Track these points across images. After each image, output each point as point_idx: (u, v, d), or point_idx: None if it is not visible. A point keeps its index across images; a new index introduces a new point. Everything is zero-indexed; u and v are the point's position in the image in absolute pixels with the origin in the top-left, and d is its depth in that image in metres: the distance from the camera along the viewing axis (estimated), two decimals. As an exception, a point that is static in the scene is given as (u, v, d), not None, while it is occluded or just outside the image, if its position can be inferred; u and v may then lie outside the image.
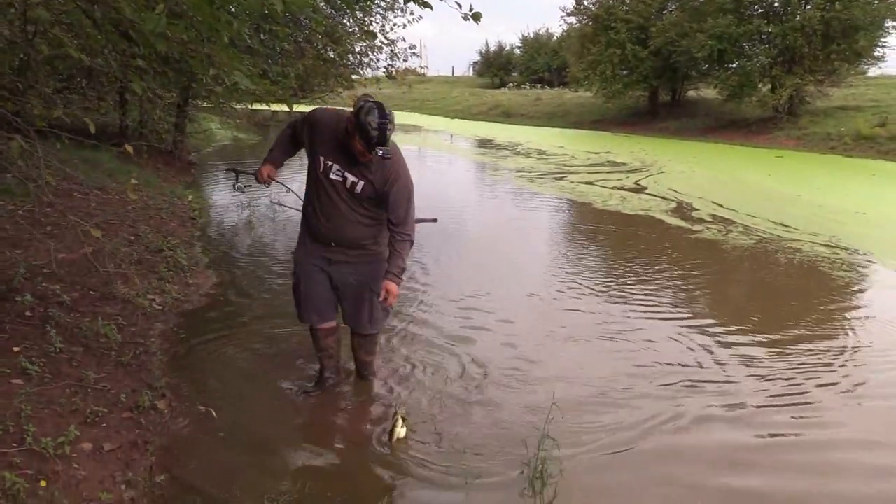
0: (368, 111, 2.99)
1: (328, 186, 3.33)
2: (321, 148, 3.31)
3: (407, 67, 17.74)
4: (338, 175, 3.30)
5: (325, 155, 3.30)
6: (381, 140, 3.01)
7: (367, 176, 3.26)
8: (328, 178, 3.32)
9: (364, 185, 3.27)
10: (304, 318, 3.69)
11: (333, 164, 3.29)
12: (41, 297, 4.42)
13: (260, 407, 3.60)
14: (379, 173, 3.25)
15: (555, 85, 41.86)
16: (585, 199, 10.53)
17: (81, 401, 3.29)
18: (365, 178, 3.26)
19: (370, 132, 2.99)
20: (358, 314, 3.63)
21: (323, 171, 3.32)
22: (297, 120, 3.50)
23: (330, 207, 3.37)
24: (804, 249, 7.29)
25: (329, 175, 3.31)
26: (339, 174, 3.30)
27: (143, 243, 6.28)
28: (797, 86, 20.80)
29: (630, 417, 3.60)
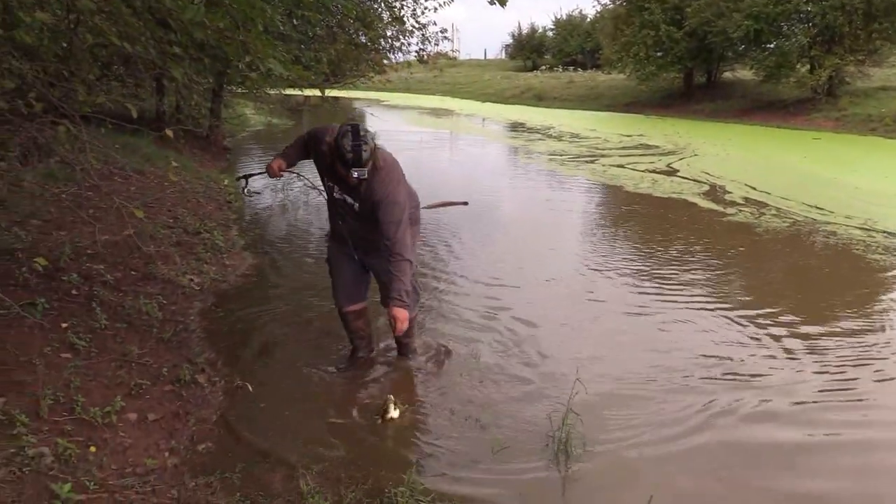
0: (343, 135, 3.09)
1: (338, 204, 3.50)
2: (321, 170, 3.48)
3: (438, 51, 17.76)
4: (339, 195, 3.45)
5: (327, 177, 3.46)
6: (355, 162, 3.08)
7: (360, 196, 3.35)
8: (333, 197, 3.50)
9: (359, 205, 3.38)
10: (335, 299, 3.83)
11: (334, 186, 3.45)
12: (86, 277, 4.60)
13: (293, 382, 3.73)
14: (367, 192, 3.30)
15: (588, 67, 41.40)
16: (617, 183, 10.50)
17: (126, 374, 3.45)
18: (360, 198, 3.36)
19: (345, 155, 3.08)
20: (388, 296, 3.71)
21: (327, 191, 3.52)
22: (306, 136, 3.64)
23: (343, 223, 3.54)
24: (839, 233, 7.20)
25: (334, 195, 3.49)
26: (339, 195, 3.44)
27: (182, 226, 6.47)
28: (837, 66, 20.29)
29: (654, 394, 3.66)
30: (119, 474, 2.66)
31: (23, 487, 2.41)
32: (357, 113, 23.99)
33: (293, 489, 2.72)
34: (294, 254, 6.45)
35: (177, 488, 2.64)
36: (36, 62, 3.92)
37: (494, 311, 4.89)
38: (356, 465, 2.96)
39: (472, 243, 6.78)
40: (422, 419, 3.38)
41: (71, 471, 2.57)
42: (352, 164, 3.08)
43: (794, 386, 3.80)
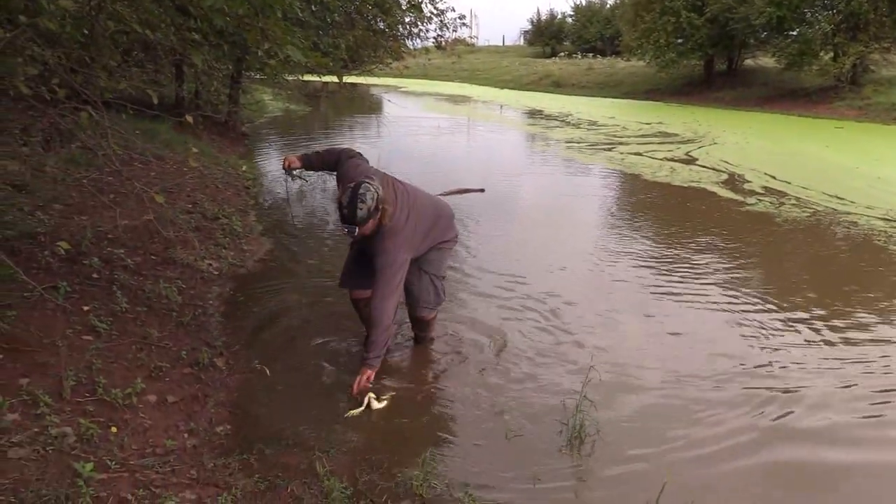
0: (345, 191, 3.16)
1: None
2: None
3: (456, 38, 17.69)
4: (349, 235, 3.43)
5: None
6: (348, 218, 3.10)
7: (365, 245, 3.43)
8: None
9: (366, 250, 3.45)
10: (343, 285, 3.89)
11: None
12: (107, 261, 4.67)
13: (310, 366, 3.77)
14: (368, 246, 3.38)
15: (607, 54, 41.08)
16: (635, 171, 10.44)
17: (146, 356, 3.51)
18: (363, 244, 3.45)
19: (341, 210, 3.13)
20: (408, 293, 3.77)
21: None
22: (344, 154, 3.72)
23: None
24: (860, 223, 7.13)
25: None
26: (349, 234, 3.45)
27: (200, 211, 6.52)
28: (861, 53, 20.00)
29: (668, 383, 3.67)
30: (139, 454, 2.71)
31: (46, 466, 2.46)
32: (375, 99, 23.98)
33: (309, 471, 2.76)
34: (310, 239, 6.49)
35: (196, 468, 2.69)
36: (58, 48, 3.97)
37: (509, 299, 4.90)
38: (372, 448, 3.00)
39: (487, 231, 6.78)
40: (437, 405, 3.41)
41: (93, 450, 2.62)
42: (345, 219, 3.12)
43: (823, 389, 3.79)
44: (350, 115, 20.28)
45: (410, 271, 3.59)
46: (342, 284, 3.89)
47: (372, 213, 3.13)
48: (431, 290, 3.80)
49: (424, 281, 3.75)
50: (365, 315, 3.87)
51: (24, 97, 3.39)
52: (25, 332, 3.35)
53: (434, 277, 3.78)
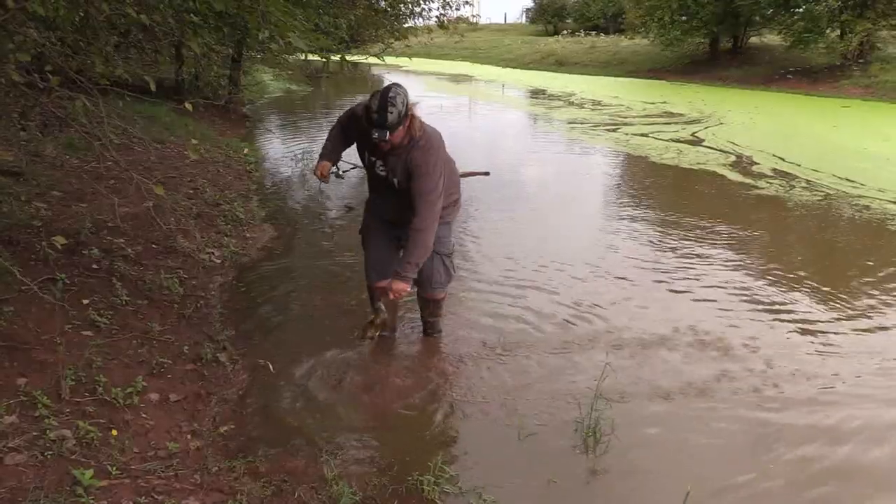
0: (373, 95, 3.02)
1: (377, 180, 3.40)
2: (361, 144, 3.36)
3: (459, 16, 17.45)
4: (381, 170, 3.32)
5: (367, 151, 3.33)
6: (379, 122, 2.97)
7: (396, 167, 3.24)
8: (375, 173, 3.36)
9: (398, 179, 3.26)
10: (366, 275, 3.74)
11: (375, 161, 3.31)
12: (107, 251, 4.57)
13: (315, 361, 3.65)
14: (403, 164, 3.21)
15: (610, 32, 40.57)
16: (641, 153, 10.28)
17: (147, 352, 3.42)
18: (395, 170, 3.25)
19: (371, 115, 3.00)
20: (421, 275, 3.60)
21: (368, 165, 3.37)
22: (342, 116, 3.53)
23: (382, 199, 3.48)
24: (872, 207, 6.99)
25: (375, 170, 3.35)
26: (381, 169, 3.31)
27: (202, 197, 6.42)
28: (868, 31, 19.69)
29: (683, 377, 3.57)
30: (141, 458, 2.62)
31: (45, 472, 2.38)
32: (376, 78, 23.72)
33: (317, 475, 2.67)
34: (313, 225, 6.37)
35: (199, 473, 2.61)
36: (52, 33, 3.84)
37: (518, 290, 4.76)
38: (381, 450, 2.91)
39: (492, 216, 6.65)
40: (446, 405, 3.31)
41: (93, 455, 2.53)
42: (374, 123, 2.99)
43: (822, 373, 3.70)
44: (351, 95, 20.05)
45: None
46: (367, 278, 3.74)
47: (402, 117, 3.03)
48: (442, 270, 3.69)
49: (436, 262, 3.60)
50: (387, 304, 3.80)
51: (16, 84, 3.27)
52: (23, 329, 3.26)
53: (444, 256, 3.67)
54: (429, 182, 3.20)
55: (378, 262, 3.63)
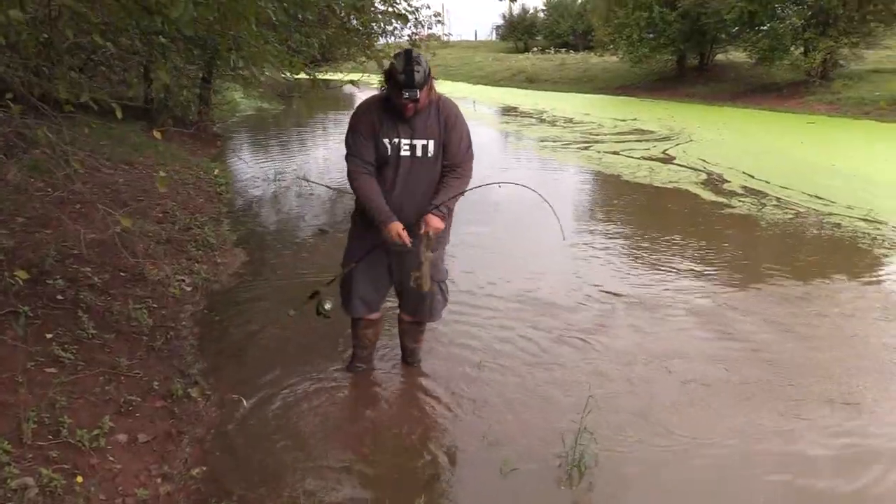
0: (396, 57, 3.04)
1: (403, 169, 3.21)
2: (383, 131, 3.17)
3: (430, 34, 17.44)
4: (406, 150, 3.18)
5: (389, 135, 3.17)
6: (407, 82, 2.96)
7: (430, 130, 3.19)
8: (399, 156, 3.19)
9: (433, 142, 3.20)
10: (351, 308, 3.55)
11: (399, 140, 3.18)
12: (72, 280, 4.42)
13: (291, 395, 3.55)
14: (438, 119, 3.21)
15: (580, 49, 41.07)
16: (613, 171, 10.32)
17: (115, 389, 3.29)
18: (430, 133, 3.19)
19: (398, 77, 2.97)
20: (420, 305, 3.55)
21: (392, 152, 3.18)
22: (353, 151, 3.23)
23: (405, 192, 3.24)
24: (843, 225, 7.06)
25: (400, 153, 3.19)
26: (407, 148, 3.18)
27: (172, 220, 6.27)
28: (831, 48, 20.17)
29: (669, 413, 3.52)
30: (109, 507, 2.50)
31: (5, 526, 2.25)
32: (348, 96, 23.63)
33: (294, 520, 2.57)
34: (287, 249, 6.24)
35: (170, 520, 2.49)
36: (14, 56, 3.71)
37: (496, 315, 4.68)
38: (361, 490, 2.81)
39: (463, 237, 6.59)
40: (427, 441, 3.22)
41: (57, 504, 2.40)
42: (403, 84, 2.96)
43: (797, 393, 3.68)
44: (323, 113, 19.97)
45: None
46: (352, 311, 3.55)
47: (427, 77, 3.02)
48: (440, 298, 3.61)
49: (435, 289, 3.50)
50: (361, 335, 3.68)
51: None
52: (-18, 368, 3.11)
53: (441, 283, 3.58)
54: (464, 128, 3.28)
55: (370, 293, 3.51)
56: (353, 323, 3.66)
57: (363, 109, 3.24)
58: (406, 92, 2.96)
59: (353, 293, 3.49)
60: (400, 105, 3.06)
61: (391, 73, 3.01)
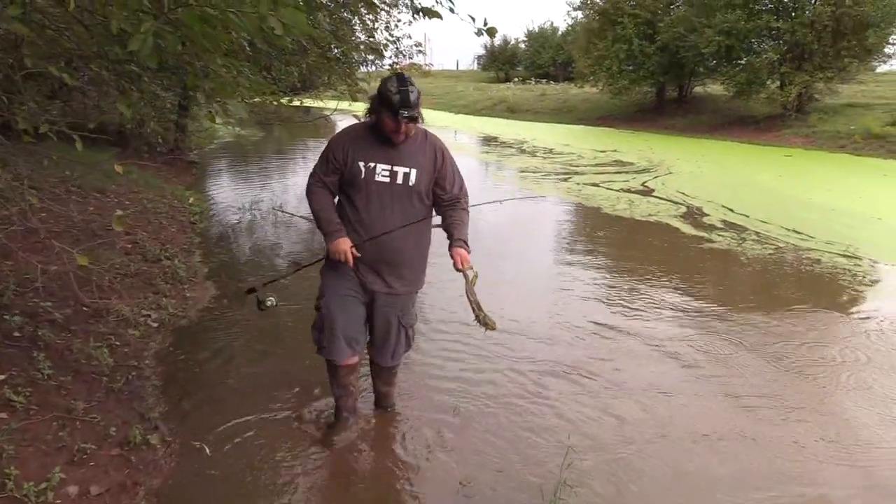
0: (388, 80, 2.93)
1: (375, 195, 3.07)
2: (358, 155, 3.06)
3: (412, 63, 17.47)
4: (385, 175, 3.06)
5: (366, 159, 3.05)
6: (403, 102, 2.86)
7: (414, 160, 3.09)
8: (375, 181, 3.06)
9: (417, 172, 3.09)
10: (335, 351, 3.27)
11: (377, 165, 3.05)
12: (31, 315, 4.23)
13: (257, 443, 3.37)
14: (425, 151, 3.14)
15: (560, 80, 41.50)
16: (593, 203, 10.28)
17: (68, 436, 3.10)
18: (414, 163, 3.09)
19: (391, 97, 2.86)
20: (384, 347, 3.42)
21: (366, 176, 3.05)
22: (318, 168, 3.19)
23: (375, 219, 3.09)
24: (823, 260, 7.04)
25: (375, 178, 3.06)
26: (385, 174, 3.06)
27: (141, 252, 6.09)
28: (806, 83, 20.51)
29: (649, 456, 3.40)
30: (52, 570, 2.31)
31: None
32: (329, 124, 23.58)
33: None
34: (259, 282, 6.05)
35: (119, 585, 2.31)
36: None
37: (474, 355, 4.53)
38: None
39: (440, 271, 6.46)
40: (404, 496, 3.06)
41: (-6, 570, 2.22)
42: (399, 105, 2.85)
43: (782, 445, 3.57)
44: (303, 140, 19.86)
45: (385, 325, 3.32)
46: (333, 354, 3.27)
47: (419, 100, 2.92)
48: (404, 342, 3.47)
49: (400, 334, 3.39)
50: (345, 383, 3.39)
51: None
52: (-76, 414, 2.92)
53: (409, 328, 3.44)
54: (454, 162, 3.26)
55: (350, 335, 3.27)
56: (333, 371, 3.36)
57: (340, 134, 3.18)
58: (405, 112, 2.86)
59: (336, 331, 3.23)
60: (392, 128, 2.95)
61: (384, 95, 2.90)
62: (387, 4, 11.75)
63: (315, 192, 3.18)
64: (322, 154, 3.18)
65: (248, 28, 1.82)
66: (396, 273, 3.20)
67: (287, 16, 1.78)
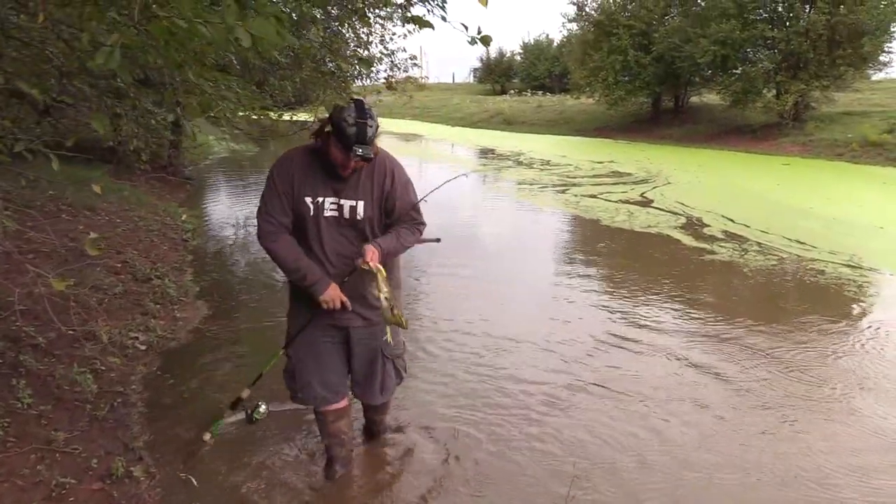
0: (345, 109, 2.59)
1: (327, 232, 2.79)
2: (304, 189, 2.76)
3: (408, 77, 17.42)
4: (333, 210, 2.76)
5: (313, 193, 2.76)
6: (359, 137, 2.56)
7: (362, 191, 2.78)
8: (323, 217, 2.76)
9: (364, 204, 2.78)
10: (310, 397, 3.01)
11: (324, 199, 2.76)
12: (14, 340, 4.09)
13: (247, 472, 3.22)
14: (373, 177, 2.80)
15: (556, 91, 41.57)
16: (592, 216, 10.16)
17: (47, 469, 2.96)
18: (361, 194, 2.78)
19: (346, 129, 2.56)
20: (370, 383, 3.08)
21: (314, 213, 2.75)
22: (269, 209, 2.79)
23: (335, 256, 2.82)
24: (827, 271, 6.91)
25: (324, 214, 2.76)
26: (333, 208, 2.76)
27: (131, 271, 5.95)
28: (802, 91, 20.47)
29: (656, 482, 3.25)
30: None
31: None
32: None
33: None
34: (251, 301, 5.92)
35: None
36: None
37: (472, 374, 4.41)
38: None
39: (443, 287, 6.35)
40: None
41: None
42: (354, 140, 2.56)
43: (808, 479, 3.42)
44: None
45: (367, 361, 3.01)
46: (309, 400, 3.01)
47: (376, 134, 2.65)
48: (394, 374, 3.14)
49: (387, 366, 3.07)
50: (333, 430, 3.11)
51: None
52: None
53: (396, 359, 3.13)
54: (412, 188, 2.94)
55: (330, 378, 2.99)
56: (319, 417, 3.09)
57: (283, 162, 2.83)
58: (359, 149, 2.57)
59: (308, 379, 2.98)
60: (341, 162, 2.66)
61: (337, 124, 2.58)
62: (381, 18, 11.69)
63: (277, 241, 2.79)
64: (268, 190, 2.80)
65: (216, 40, 1.69)
66: (367, 303, 2.89)
67: (256, 27, 1.65)
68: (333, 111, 2.64)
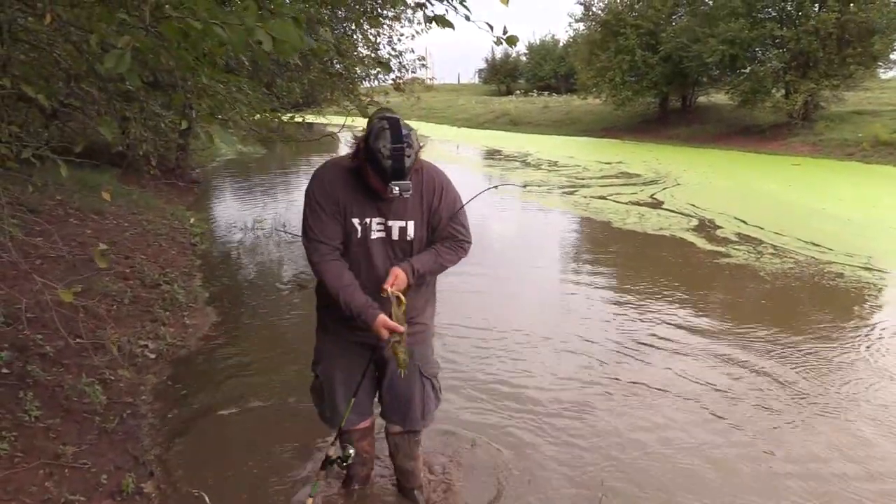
0: (378, 135, 2.29)
1: (375, 253, 2.54)
2: (351, 209, 2.50)
3: (415, 78, 17.34)
4: (380, 231, 2.53)
5: (360, 215, 2.50)
6: (396, 172, 2.27)
7: (410, 210, 2.53)
8: (371, 240, 2.53)
9: (414, 224, 2.54)
10: (333, 422, 2.81)
11: (371, 220, 2.51)
12: (21, 349, 4.01)
13: (263, 490, 3.13)
14: (422, 195, 2.54)
15: (562, 92, 41.44)
16: (602, 217, 10.04)
17: (55, 486, 2.87)
18: (410, 213, 2.54)
19: (382, 162, 2.27)
20: (410, 406, 2.80)
21: (362, 234, 2.51)
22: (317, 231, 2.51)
23: (373, 283, 2.52)
24: (845, 274, 6.78)
25: (371, 236, 2.53)
26: (380, 229, 2.53)
27: (139, 276, 5.87)
28: (812, 90, 20.32)
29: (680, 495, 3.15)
30: None
31: None
32: (331, 140, 23.46)
33: None
34: (262, 307, 5.83)
35: None
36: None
37: (488, 381, 4.31)
38: None
39: (456, 290, 6.24)
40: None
41: None
42: (391, 175, 2.27)
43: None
44: (306, 157, 19.68)
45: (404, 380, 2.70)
46: (335, 422, 2.79)
47: (417, 154, 2.37)
48: (433, 395, 2.85)
49: (426, 387, 2.80)
50: (357, 450, 2.88)
51: None
52: None
53: (433, 378, 2.84)
54: (460, 203, 2.65)
55: (358, 399, 2.74)
56: (344, 436, 2.84)
57: (320, 181, 2.54)
58: (395, 186, 2.28)
59: (337, 401, 2.78)
60: (380, 189, 2.38)
61: (373, 154, 2.29)
62: (389, 19, 11.62)
63: (331, 269, 2.52)
64: (311, 213, 2.52)
65: (234, 42, 1.59)
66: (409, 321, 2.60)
67: (277, 29, 1.55)
68: (369, 133, 2.33)
